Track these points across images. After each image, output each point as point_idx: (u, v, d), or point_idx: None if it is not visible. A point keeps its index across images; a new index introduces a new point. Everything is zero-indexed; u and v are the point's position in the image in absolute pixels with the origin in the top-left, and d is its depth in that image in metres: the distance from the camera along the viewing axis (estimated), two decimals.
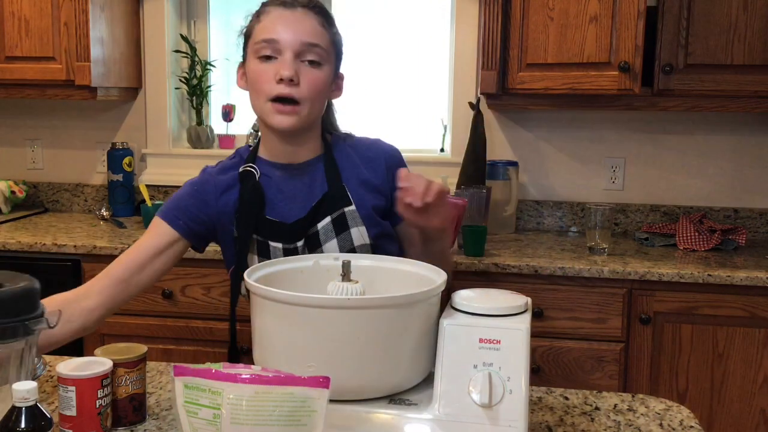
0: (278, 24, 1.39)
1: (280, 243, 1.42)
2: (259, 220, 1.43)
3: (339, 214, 1.43)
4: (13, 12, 2.76)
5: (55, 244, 2.54)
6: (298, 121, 1.40)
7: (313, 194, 1.45)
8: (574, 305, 2.33)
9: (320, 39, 1.39)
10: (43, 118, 3.23)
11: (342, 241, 1.43)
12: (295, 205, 1.45)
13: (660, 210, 2.88)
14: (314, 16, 1.40)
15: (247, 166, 1.48)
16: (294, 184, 1.47)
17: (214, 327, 2.50)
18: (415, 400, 1.11)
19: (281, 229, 1.43)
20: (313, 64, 1.39)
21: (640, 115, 2.85)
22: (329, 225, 1.43)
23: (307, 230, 1.43)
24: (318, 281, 1.28)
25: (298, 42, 1.37)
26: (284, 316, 1.08)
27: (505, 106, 2.74)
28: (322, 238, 1.43)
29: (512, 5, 2.51)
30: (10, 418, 1.01)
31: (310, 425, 0.94)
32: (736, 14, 2.45)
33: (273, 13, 1.41)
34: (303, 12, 1.40)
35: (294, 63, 1.37)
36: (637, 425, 1.24)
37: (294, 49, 1.37)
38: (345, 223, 1.43)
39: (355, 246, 1.43)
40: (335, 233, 1.43)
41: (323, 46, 1.39)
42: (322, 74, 1.40)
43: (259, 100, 1.41)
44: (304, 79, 1.37)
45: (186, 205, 1.49)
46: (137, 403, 1.21)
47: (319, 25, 1.40)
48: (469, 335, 1.07)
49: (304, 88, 1.38)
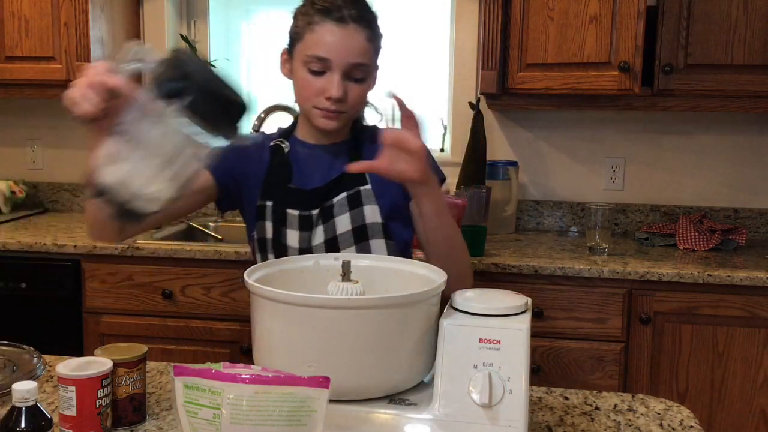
0: (330, 42, 1.43)
1: (297, 210, 1.50)
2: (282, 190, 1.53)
3: (354, 191, 1.51)
4: (13, 12, 2.76)
5: (55, 244, 2.54)
6: (341, 124, 1.50)
7: (333, 170, 1.54)
8: (574, 305, 2.33)
9: (367, 56, 1.46)
10: (43, 118, 3.23)
11: (354, 216, 1.50)
12: (314, 178, 1.54)
13: (660, 210, 2.88)
14: (363, 30, 1.45)
15: (278, 140, 1.59)
16: (318, 160, 1.55)
17: (214, 327, 2.50)
18: (415, 400, 1.11)
19: (299, 195, 1.51)
20: (359, 81, 1.47)
21: (640, 115, 2.85)
22: (344, 200, 1.51)
23: (323, 201, 1.51)
24: (318, 281, 1.28)
25: (347, 63, 1.44)
26: (284, 316, 1.08)
27: (505, 106, 2.74)
28: (336, 210, 1.50)
29: (512, 5, 2.51)
30: (10, 418, 1.02)
31: (310, 425, 0.94)
32: (736, 14, 2.45)
33: (325, 28, 1.44)
34: (354, 29, 1.44)
35: (343, 82, 1.45)
36: (637, 425, 1.24)
37: (343, 70, 1.44)
38: (359, 200, 1.51)
39: (366, 223, 1.50)
40: (349, 208, 1.50)
41: (369, 62, 1.47)
42: (366, 87, 1.49)
43: (305, 104, 1.51)
44: (350, 94, 1.46)
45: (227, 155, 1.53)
46: (137, 403, 1.21)
47: (366, 40, 1.45)
48: (469, 335, 1.07)
49: (350, 103, 1.47)
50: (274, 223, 1.51)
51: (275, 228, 1.51)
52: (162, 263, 2.50)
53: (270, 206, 1.53)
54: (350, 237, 1.49)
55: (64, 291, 2.56)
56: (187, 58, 1.06)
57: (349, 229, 1.50)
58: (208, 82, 1.04)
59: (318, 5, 1.45)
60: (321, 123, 1.49)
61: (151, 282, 2.51)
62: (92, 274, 2.54)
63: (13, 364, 1.39)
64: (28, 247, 2.55)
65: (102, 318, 2.56)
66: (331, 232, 1.50)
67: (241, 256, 2.45)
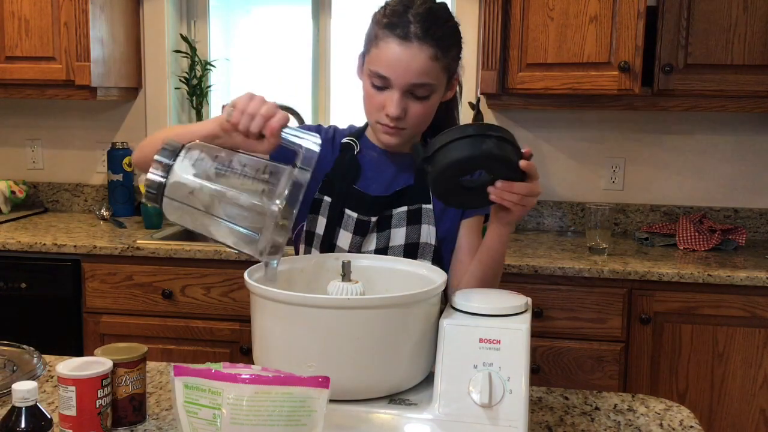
0: (391, 60, 1.37)
1: (355, 213, 1.46)
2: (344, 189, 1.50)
3: (416, 207, 1.48)
4: (13, 12, 2.76)
5: (55, 244, 2.54)
6: (403, 140, 1.45)
7: (397, 181, 1.50)
8: (574, 305, 2.33)
9: (430, 75, 1.38)
10: (43, 118, 3.23)
11: (410, 232, 1.47)
12: (378, 184, 1.50)
13: (660, 210, 2.88)
14: (428, 48, 1.36)
15: (350, 138, 1.54)
16: (386, 168, 1.51)
17: (214, 327, 2.50)
18: (415, 400, 1.11)
19: (361, 199, 1.48)
20: (421, 98, 1.40)
21: (640, 115, 2.85)
22: (404, 213, 1.47)
23: (383, 210, 1.47)
24: (318, 281, 1.28)
25: (407, 83, 1.37)
26: (284, 316, 1.08)
27: (505, 106, 2.74)
28: (394, 221, 1.47)
29: (512, 5, 2.51)
30: (10, 418, 1.02)
31: (309, 425, 0.94)
32: (736, 14, 2.45)
33: (388, 45, 1.38)
34: (417, 47, 1.36)
35: (401, 101, 1.39)
36: (637, 425, 1.24)
37: (402, 89, 1.38)
38: (419, 218, 1.47)
39: (420, 242, 1.47)
40: (407, 222, 1.47)
41: (433, 81, 1.39)
42: (429, 104, 1.42)
43: (368, 117, 1.47)
44: (410, 112, 1.40)
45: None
46: (137, 403, 1.21)
47: (431, 59, 1.37)
48: (469, 335, 1.07)
49: (410, 121, 1.41)
50: (329, 221, 1.47)
51: (329, 225, 1.47)
52: (162, 263, 2.50)
53: (328, 202, 1.49)
54: (401, 251, 1.46)
55: (64, 291, 2.56)
56: None
57: (402, 243, 1.46)
58: None
59: (386, 18, 1.40)
60: (382, 138, 1.45)
61: (151, 282, 2.52)
62: (92, 274, 2.54)
63: (13, 364, 1.39)
64: (28, 247, 2.55)
65: (102, 318, 2.56)
66: (384, 243, 1.47)
67: (241, 256, 2.45)
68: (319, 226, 1.49)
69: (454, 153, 1.15)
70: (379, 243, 1.46)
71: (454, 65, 1.45)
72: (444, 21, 1.41)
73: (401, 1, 1.40)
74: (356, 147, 1.52)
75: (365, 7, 2.98)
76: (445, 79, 1.43)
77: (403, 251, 1.45)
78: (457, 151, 1.15)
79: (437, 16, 1.40)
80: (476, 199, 1.24)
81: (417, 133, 1.48)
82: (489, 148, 1.14)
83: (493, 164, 1.17)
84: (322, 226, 1.48)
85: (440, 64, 1.39)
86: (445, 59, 1.40)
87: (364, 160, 1.51)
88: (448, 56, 1.41)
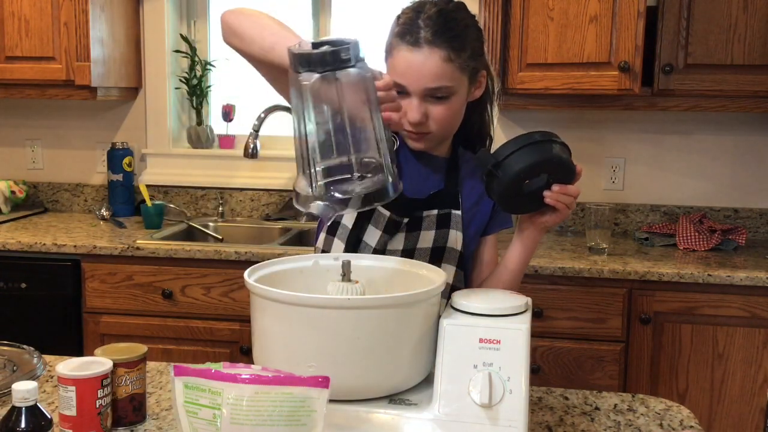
0: (404, 68, 1.37)
1: (389, 212, 1.44)
2: None
3: (446, 212, 1.48)
4: (13, 12, 2.76)
5: (55, 244, 2.54)
6: (430, 144, 1.45)
7: (430, 185, 1.49)
8: (574, 305, 2.33)
9: (446, 78, 1.37)
10: (43, 118, 3.23)
11: (438, 236, 1.47)
12: (413, 185, 1.47)
13: (660, 210, 2.88)
14: (440, 51, 1.35)
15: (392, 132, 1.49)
16: (419, 168, 1.50)
17: (214, 327, 2.50)
18: (415, 400, 1.11)
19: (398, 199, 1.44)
20: (441, 99, 1.39)
21: (640, 115, 2.85)
22: (434, 217, 1.47)
23: (415, 211, 1.47)
24: (318, 281, 1.28)
25: (422, 88, 1.37)
26: (284, 316, 1.08)
27: (505, 106, 2.74)
28: (424, 224, 1.47)
29: (512, 5, 2.51)
30: (10, 418, 1.02)
31: (309, 425, 0.94)
32: (736, 14, 2.45)
33: (400, 54, 1.38)
34: (428, 50, 1.35)
35: (421, 105, 1.38)
36: (637, 425, 1.24)
37: (419, 95, 1.38)
38: (448, 222, 1.47)
39: (447, 246, 1.47)
40: (436, 226, 1.47)
41: (450, 83, 1.38)
42: (451, 105, 1.40)
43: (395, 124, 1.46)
44: (432, 115, 1.39)
45: None
46: (137, 403, 1.21)
47: (444, 60, 1.36)
48: (469, 335, 1.07)
49: (433, 124, 1.40)
50: (359, 214, 1.46)
51: (358, 220, 1.46)
52: (162, 263, 2.50)
53: None
54: (427, 255, 1.45)
55: (64, 291, 2.56)
56: None
57: (429, 246, 1.46)
58: None
59: (399, 27, 1.40)
60: (410, 144, 1.45)
61: (151, 282, 2.52)
62: (92, 274, 2.54)
63: (13, 364, 1.39)
64: (28, 247, 2.55)
65: (102, 318, 2.56)
66: (412, 244, 1.46)
67: (241, 256, 2.45)
68: (346, 218, 1.47)
69: (526, 157, 1.24)
70: (407, 244, 1.46)
71: (473, 63, 1.42)
72: (456, 21, 1.39)
73: (414, 8, 1.40)
74: (396, 142, 1.49)
75: (365, 6, 2.98)
76: (465, 79, 1.41)
77: (430, 254, 1.45)
78: (530, 156, 1.24)
79: (448, 17, 1.38)
80: (528, 204, 1.33)
81: (446, 135, 1.47)
82: (557, 152, 1.25)
83: (558, 168, 1.27)
84: (351, 218, 1.46)
85: (455, 65, 1.37)
86: (460, 59, 1.38)
87: (402, 157, 1.50)
88: (463, 56, 1.38)
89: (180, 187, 3.12)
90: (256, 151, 2.73)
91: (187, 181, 3.12)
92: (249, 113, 3.01)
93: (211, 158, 3.13)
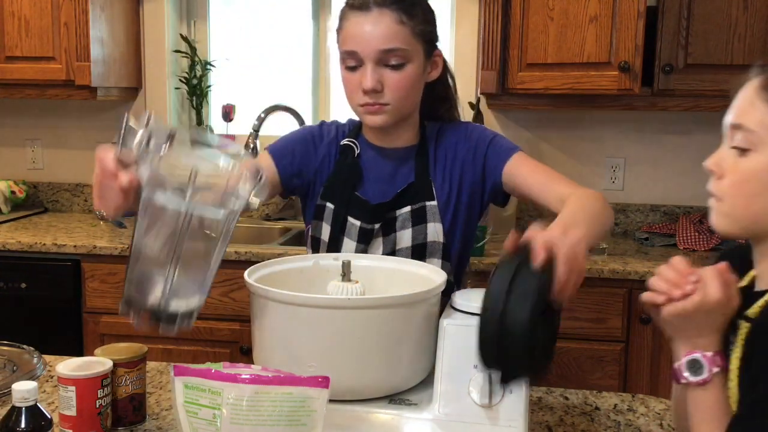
0: (356, 33, 1.36)
1: (359, 221, 1.44)
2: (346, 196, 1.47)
3: (420, 206, 1.44)
4: (13, 12, 2.76)
5: (55, 244, 2.54)
6: (389, 118, 1.40)
7: (398, 181, 1.47)
8: (574, 305, 2.33)
9: (399, 40, 1.35)
10: (43, 118, 3.22)
11: (416, 233, 1.44)
12: (379, 187, 1.47)
13: (660, 210, 2.88)
14: (391, 12, 1.34)
15: (349, 140, 1.50)
16: (384, 167, 1.48)
17: (214, 327, 2.50)
18: (415, 400, 1.11)
19: (364, 207, 1.45)
20: (396, 67, 1.36)
21: (640, 115, 2.85)
22: (408, 214, 1.44)
23: (387, 213, 1.45)
24: (318, 281, 1.28)
25: (375, 51, 1.34)
26: (284, 316, 1.08)
27: (505, 106, 2.74)
28: (398, 224, 1.44)
29: (512, 5, 2.51)
30: (10, 418, 1.02)
31: (309, 425, 0.94)
32: (736, 14, 2.45)
33: (351, 20, 1.38)
34: (378, 12, 1.34)
35: (375, 72, 1.36)
36: (637, 425, 1.24)
37: (373, 59, 1.35)
38: (423, 216, 1.44)
39: (428, 241, 1.44)
40: (412, 223, 1.44)
41: (404, 45, 1.35)
42: (406, 73, 1.37)
43: (351, 104, 1.44)
44: (387, 83, 1.37)
45: (293, 149, 1.50)
46: (137, 403, 1.21)
47: (396, 23, 1.34)
48: (469, 335, 1.07)
49: (388, 93, 1.37)
50: (332, 229, 1.46)
51: (333, 233, 1.46)
52: None
53: (331, 209, 1.46)
54: (408, 254, 1.43)
55: (64, 291, 2.55)
56: None
57: (409, 245, 1.44)
58: None
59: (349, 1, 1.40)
60: (367, 120, 1.41)
61: None
62: (92, 274, 2.54)
63: (13, 364, 1.39)
64: (28, 247, 2.55)
65: (102, 318, 2.56)
66: (391, 247, 1.45)
67: (241, 256, 2.45)
68: (323, 233, 1.48)
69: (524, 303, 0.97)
70: (386, 248, 1.45)
71: (427, 31, 1.40)
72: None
73: None
74: (356, 149, 1.49)
75: None
76: (420, 48, 1.39)
77: (411, 253, 1.43)
78: (519, 349, 0.97)
79: None
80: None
81: (403, 109, 1.41)
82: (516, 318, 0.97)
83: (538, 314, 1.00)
84: (327, 232, 1.47)
85: (408, 28, 1.35)
86: (412, 22, 1.36)
87: (364, 162, 1.49)
88: (415, 19, 1.37)
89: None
90: (256, 151, 2.73)
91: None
92: (249, 113, 3.01)
93: None
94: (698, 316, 0.95)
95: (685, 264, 0.98)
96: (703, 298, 0.94)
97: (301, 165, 1.50)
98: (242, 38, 3.21)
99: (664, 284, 0.98)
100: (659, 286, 0.98)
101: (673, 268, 0.98)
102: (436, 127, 1.51)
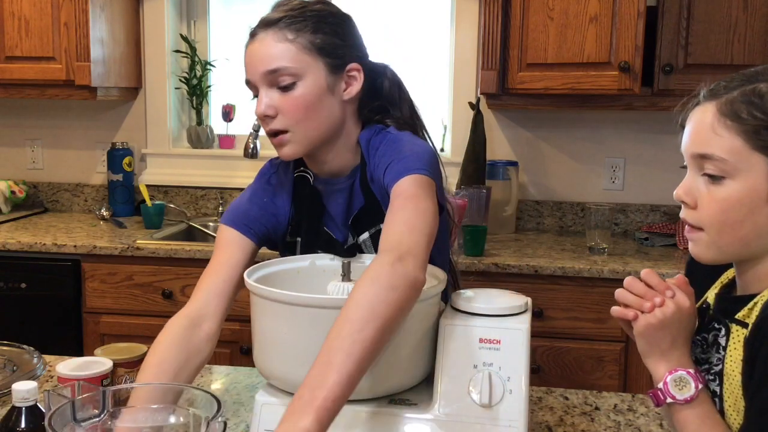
0: (247, 61, 1.30)
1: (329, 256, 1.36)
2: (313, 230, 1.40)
3: (376, 230, 1.35)
4: (13, 12, 2.76)
5: (55, 244, 2.54)
6: (297, 147, 1.30)
7: (355, 203, 1.38)
8: (574, 305, 2.33)
9: (284, 58, 1.26)
10: (43, 118, 3.22)
11: None
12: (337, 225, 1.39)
13: (660, 210, 2.88)
14: (274, 32, 1.26)
15: (302, 170, 1.40)
16: (335, 201, 1.39)
17: None
18: (415, 400, 1.11)
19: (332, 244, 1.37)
20: (286, 89, 1.26)
21: (640, 115, 2.85)
22: (368, 240, 1.37)
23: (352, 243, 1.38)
24: (315, 281, 1.28)
25: (260, 74, 1.27)
26: (284, 316, 1.08)
27: (505, 106, 2.74)
28: (365, 250, 1.37)
29: (512, 5, 2.51)
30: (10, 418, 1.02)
31: None
32: (736, 14, 2.45)
33: (246, 50, 1.32)
34: (263, 34, 1.28)
35: (267, 96, 1.27)
36: (637, 425, 1.24)
37: (262, 84, 1.27)
38: None
39: None
40: (375, 249, 1.35)
41: (289, 63, 1.26)
42: (298, 93, 1.27)
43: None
44: (280, 107, 1.27)
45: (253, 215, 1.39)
46: None
47: (279, 41, 1.26)
48: (469, 335, 1.07)
49: (282, 118, 1.28)
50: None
51: None
52: (162, 263, 2.50)
53: (300, 243, 1.40)
54: None
55: (64, 291, 2.56)
56: None
57: None
58: None
59: None
60: (279, 153, 1.32)
61: (151, 282, 2.51)
62: (92, 274, 2.54)
63: (13, 364, 1.39)
64: (28, 247, 2.55)
65: (102, 318, 2.56)
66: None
67: None
68: None
69: None
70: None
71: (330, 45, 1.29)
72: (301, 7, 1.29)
73: None
74: (311, 177, 1.39)
75: (365, 8, 2.98)
76: (317, 63, 1.27)
77: None
78: None
79: (288, 5, 1.30)
80: None
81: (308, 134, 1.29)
82: None
83: None
84: None
85: (296, 45, 1.26)
86: (302, 38, 1.26)
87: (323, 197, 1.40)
88: (303, 35, 1.27)
89: (180, 187, 3.12)
90: (256, 151, 2.73)
91: (187, 181, 3.12)
92: (249, 113, 3.00)
93: (211, 158, 3.13)
94: (673, 326, 0.95)
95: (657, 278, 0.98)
96: (678, 305, 0.94)
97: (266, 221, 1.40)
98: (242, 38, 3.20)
99: (632, 298, 0.98)
100: (629, 300, 0.99)
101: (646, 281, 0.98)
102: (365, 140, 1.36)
